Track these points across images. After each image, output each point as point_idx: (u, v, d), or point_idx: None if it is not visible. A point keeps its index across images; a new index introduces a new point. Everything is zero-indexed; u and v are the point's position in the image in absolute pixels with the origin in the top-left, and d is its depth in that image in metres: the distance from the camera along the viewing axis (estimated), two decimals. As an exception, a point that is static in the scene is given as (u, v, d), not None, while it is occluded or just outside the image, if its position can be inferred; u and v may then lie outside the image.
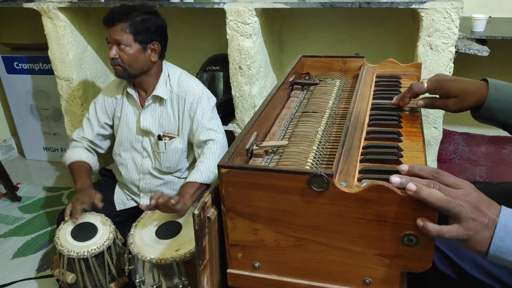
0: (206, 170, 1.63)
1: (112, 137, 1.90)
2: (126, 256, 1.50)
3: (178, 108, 1.72)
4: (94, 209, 1.65)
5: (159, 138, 1.74)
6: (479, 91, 0.98)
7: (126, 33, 1.58)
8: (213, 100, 1.76)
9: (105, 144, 1.91)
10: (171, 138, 1.74)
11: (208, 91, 1.76)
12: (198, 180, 1.61)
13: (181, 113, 1.71)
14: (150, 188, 1.82)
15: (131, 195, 1.88)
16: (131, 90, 1.74)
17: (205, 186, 1.64)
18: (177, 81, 1.73)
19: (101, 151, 1.91)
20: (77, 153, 1.81)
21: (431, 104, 1.07)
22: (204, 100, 1.70)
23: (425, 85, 1.06)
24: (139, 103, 1.75)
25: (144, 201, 1.85)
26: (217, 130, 1.72)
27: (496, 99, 0.96)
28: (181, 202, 1.53)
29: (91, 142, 1.85)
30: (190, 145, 1.79)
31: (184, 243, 1.46)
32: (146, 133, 1.76)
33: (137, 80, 1.70)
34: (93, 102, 1.84)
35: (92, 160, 1.83)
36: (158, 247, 1.45)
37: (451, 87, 1.01)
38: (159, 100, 1.72)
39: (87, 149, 1.85)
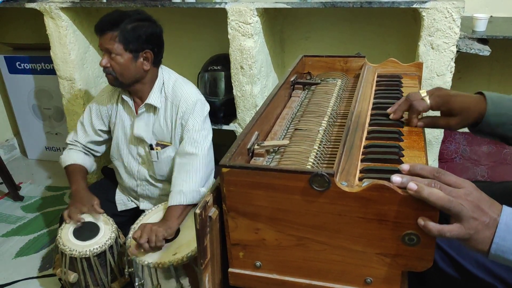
0: (190, 191, 1.57)
1: (107, 141, 1.87)
2: (125, 258, 1.50)
3: (172, 116, 1.67)
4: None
5: (151, 147, 1.71)
6: (478, 107, 0.97)
7: (116, 42, 1.54)
8: (206, 108, 1.70)
9: (101, 148, 1.88)
10: (164, 146, 1.70)
11: (203, 99, 1.70)
12: (182, 203, 1.55)
13: (174, 121, 1.67)
14: (148, 194, 1.82)
15: (131, 198, 1.88)
16: (126, 97, 1.70)
17: (190, 206, 1.58)
18: (172, 88, 1.68)
19: (97, 154, 1.89)
20: (72, 156, 1.78)
21: (432, 124, 1.03)
22: (198, 110, 1.65)
23: (428, 102, 1.01)
24: (134, 110, 1.71)
25: (144, 205, 1.84)
26: (204, 142, 1.64)
27: (495, 113, 0.95)
28: (166, 227, 1.46)
29: (85, 146, 1.83)
30: None
31: (182, 247, 1.45)
32: (140, 141, 1.73)
33: (131, 88, 1.66)
34: (88, 108, 1.81)
35: (87, 162, 1.81)
36: (156, 251, 1.45)
37: (455, 103, 0.99)
38: (153, 108, 1.68)
39: (82, 152, 1.82)
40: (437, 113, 1.05)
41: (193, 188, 1.57)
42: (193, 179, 1.59)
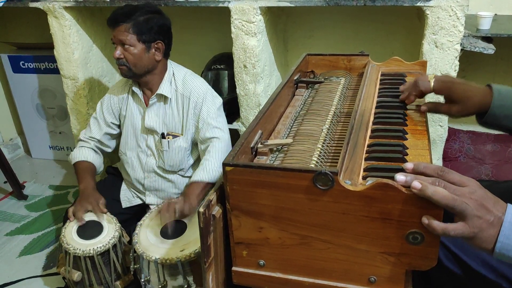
0: (212, 169, 1.64)
1: (118, 137, 1.91)
2: (131, 255, 1.51)
3: (183, 107, 1.72)
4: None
5: (163, 136, 1.74)
6: (482, 97, 0.98)
7: (130, 33, 1.59)
8: (218, 100, 1.76)
9: (113, 143, 1.92)
10: (174, 136, 1.75)
11: (213, 91, 1.77)
12: (204, 179, 1.62)
13: (186, 112, 1.72)
14: (155, 186, 1.83)
15: (137, 193, 1.89)
16: (136, 89, 1.75)
17: (210, 185, 1.64)
18: (182, 80, 1.73)
19: (109, 150, 1.92)
20: (84, 153, 1.82)
21: (434, 109, 1.08)
22: (209, 99, 1.71)
23: (432, 84, 1.05)
24: (143, 101, 1.76)
25: (150, 199, 1.86)
26: (223, 128, 1.73)
27: (501, 105, 0.96)
28: (187, 204, 1.54)
29: (99, 141, 1.86)
30: (194, 145, 1.80)
31: (189, 243, 1.46)
32: (150, 131, 1.77)
33: (142, 79, 1.71)
34: (100, 102, 1.86)
35: (97, 161, 1.84)
36: (163, 246, 1.45)
37: (457, 90, 1.01)
38: (164, 98, 1.73)
39: (93, 149, 1.85)
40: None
41: (215, 167, 1.64)
42: (216, 158, 1.66)
